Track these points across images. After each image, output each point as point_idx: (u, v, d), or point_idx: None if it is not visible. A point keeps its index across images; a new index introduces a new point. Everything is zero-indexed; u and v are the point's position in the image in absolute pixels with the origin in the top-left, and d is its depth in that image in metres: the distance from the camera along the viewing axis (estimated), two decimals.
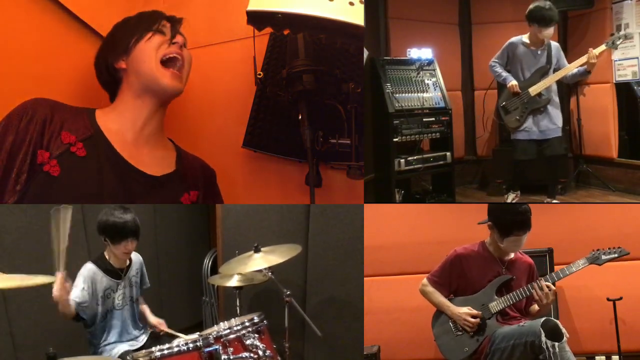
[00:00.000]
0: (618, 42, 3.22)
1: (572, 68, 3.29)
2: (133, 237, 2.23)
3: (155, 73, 1.90)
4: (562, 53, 3.40)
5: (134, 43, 1.91)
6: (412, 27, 4.09)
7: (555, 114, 3.40)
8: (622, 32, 3.26)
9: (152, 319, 2.45)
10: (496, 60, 3.50)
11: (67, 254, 1.99)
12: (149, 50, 1.91)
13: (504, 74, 3.44)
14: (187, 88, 2.32)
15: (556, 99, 3.42)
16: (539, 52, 3.36)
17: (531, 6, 3.29)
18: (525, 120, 3.37)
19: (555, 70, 3.36)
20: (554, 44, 3.39)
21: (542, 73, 3.35)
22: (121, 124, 1.91)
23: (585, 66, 3.24)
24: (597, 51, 3.18)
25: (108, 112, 1.94)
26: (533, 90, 3.33)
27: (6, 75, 1.90)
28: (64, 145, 1.73)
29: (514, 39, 3.43)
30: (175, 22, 2.02)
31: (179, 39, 1.97)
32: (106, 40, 2.03)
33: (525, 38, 3.39)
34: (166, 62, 1.93)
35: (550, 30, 3.27)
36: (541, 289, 1.99)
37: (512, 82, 3.37)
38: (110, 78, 1.99)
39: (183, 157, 2.09)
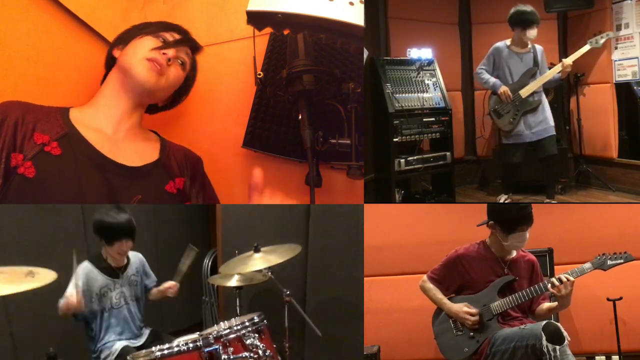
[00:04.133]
0: (602, 41, 3.33)
1: (553, 73, 3.36)
2: (127, 237, 2.22)
3: (135, 62, 1.90)
4: (545, 57, 3.47)
5: (133, 36, 1.96)
6: (412, 27, 4.09)
7: (547, 114, 3.44)
8: (606, 33, 3.36)
9: (161, 287, 2.45)
10: (482, 67, 3.55)
11: None
12: (138, 47, 1.94)
13: (492, 80, 3.49)
14: None
15: (546, 101, 3.47)
16: (524, 55, 3.41)
17: (512, 10, 3.36)
18: (519, 123, 3.39)
19: (541, 73, 3.41)
20: (539, 47, 3.45)
21: (531, 74, 3.40)
22: (98, 121, 1.90)
23: (560, 74, 3.34)
24: (570, 59, 3.29)
25: (84, 109, 1.93)
26: (524, 92, 3.37)
27: (7, 76, 1.90)
28: (38, 145, 1.71)
29: (498, 43, 3.49)
30: (184, 39, 2.04)
31: (170, 51, 1.95)
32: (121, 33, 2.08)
33: (509, 42, 3.45)
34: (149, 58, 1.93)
35: (534, 32, 3.33)
36: (560, 281, 1.94)
37: (503, 88, 3.41)
38: (108, 65, 2.05)
39: (167, 147, 2.08)
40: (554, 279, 1.96)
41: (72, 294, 2.03)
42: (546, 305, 2.09)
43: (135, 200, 1.85)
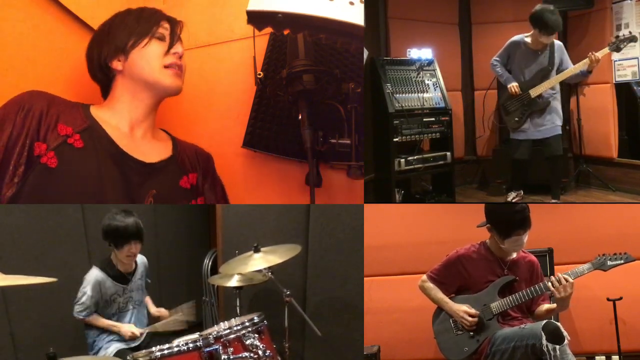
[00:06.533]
0: (622, 46, 3.18)
1: (574, 71, 3.25)
2: (136, 239, 2.23)
3: (158, 75, 1.91)
4: (565, 53, 3.38)
5: (131, 46, 1.89)
6: (412, 27, 4.09)
7: (555, 114, 3.40)
8: (623, 34, 3.21)
9: (153, 309, 2.48)
10: (497, 59, 3.50)
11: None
12: (150, 57, 1.90)
13: (505, 74, 3.45)
14: (187, 88, 2.32)
15: (557, 100, 3.42)
16: (540, 53, 3.34)
17: (536, 8, 3.23)
18: (525, 122, 3.37)
19: (558, 71, 3.34)
20: (558, 43, 3.37)
21: (543, 75, 3.33)
22: (117, 120, 1.92)
23: (586, 67, 3.21)
24: (599, 54, 3.14)
25: (103, 109, 1.94)
26: (533, 92, 3.32)
27: (6, 75, 1.90)
28: (61, 137, 1.73)
29: (516, 37, 3.41)
30: (175, 25, 1.99)
31: (178, 48, 1.97)
32: (100, 33, 1.98)
33: (527, 38, 3.36)
34: (167, 65, 1.94)
35: (550, 39, 3.26)
36: (559, 281, 1.93)
37: (513, 84, 3.37)
38: (102, 75, 1.97)
39: (178, 144, 2.11)
40: (553, 278, 1.96)
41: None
42: (546, 306, 2.09)
43: (150, 194, 1.88)
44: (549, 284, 1.97)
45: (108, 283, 2.26)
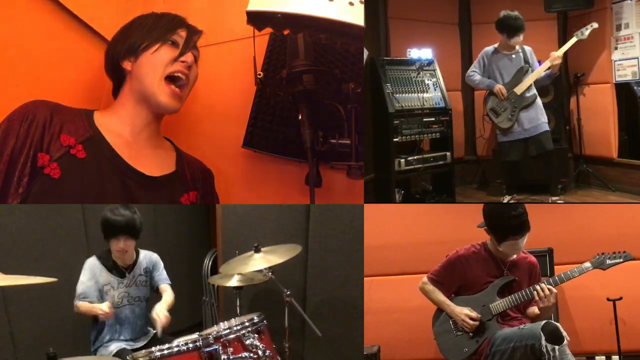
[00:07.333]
0: (586, 32, 3.33)
1: (545, 68, 3.36)
2: (126, 234, 2.22)
3: (156, 89, 1.89)
4: (534, 57, 3.49)
5: (143, 48, 1.89)
6: (412, 27, 4.09)
7: (539, 110, 3.45)
8: (590, 24, 3.36)
9: (157, 310, 2.26)
10: (474, 70, 3.56)
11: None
12: (155, 64, 1.89)
13: (486, 80, 3.50)
14: None
15: (539, 98, 3.48)
16: (513, 56, 3.45)
17: (499, 15, 3.38)
18: (517, 119, 3.40)
19: (533, 71, 3.44)
20: (527, 48, 3.49)
21: (524, 72, 3.42)
22: (120, 128, 1.91)
23: (550, 70, 3.35)
24: (559, 52, 3.32)
25: (107, 115, 1.94)
26: (519, 89, 3.39)
27: (8, 77, 1.90)
28: (64, 147, 1.73)
29: (487, 48, 3.53)
30: (192, 33, 1.99)
31: (188, 57, 1.94)
32: (122, 31, 2.00)
33: (497, 46, 3.48)
34: (170, 78, 1.92)
35: (519, 39, 3.38)
36: (542, 290, 1.96)
37: (499, 86, 3.43)
38: (114, 73, 1.99)
39: (183, 158, 2.10)
40: (538, 287, 1.98)
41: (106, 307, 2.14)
42: (536, 310, 2.09)
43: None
44: (535, 292, 1.98)
45: (102, 272, 2.25)
